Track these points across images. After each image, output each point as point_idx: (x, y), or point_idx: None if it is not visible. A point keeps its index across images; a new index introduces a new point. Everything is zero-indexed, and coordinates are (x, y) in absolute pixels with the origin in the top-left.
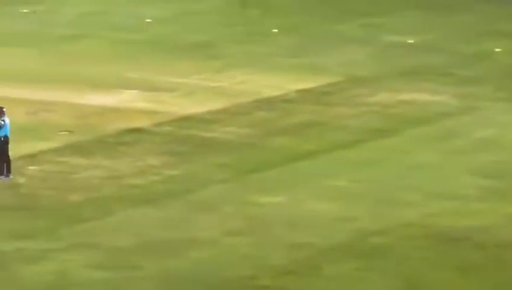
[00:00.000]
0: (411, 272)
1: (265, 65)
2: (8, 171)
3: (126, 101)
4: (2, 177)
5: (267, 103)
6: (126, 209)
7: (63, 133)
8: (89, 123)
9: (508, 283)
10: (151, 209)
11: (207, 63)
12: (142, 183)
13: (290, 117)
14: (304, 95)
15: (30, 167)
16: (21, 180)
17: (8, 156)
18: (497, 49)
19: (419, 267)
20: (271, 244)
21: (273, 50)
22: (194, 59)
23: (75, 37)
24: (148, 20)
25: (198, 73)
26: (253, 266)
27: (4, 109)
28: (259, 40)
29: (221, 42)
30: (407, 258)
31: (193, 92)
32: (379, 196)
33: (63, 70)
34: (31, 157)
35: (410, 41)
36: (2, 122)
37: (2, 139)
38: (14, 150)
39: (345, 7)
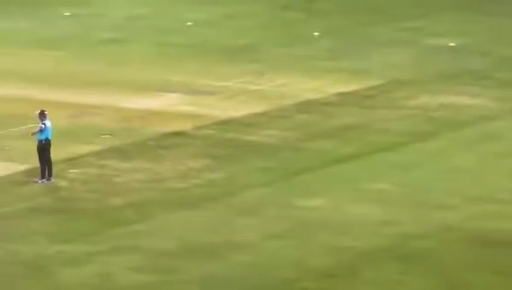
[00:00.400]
0: (452, 276)
1: (307, 68)
2: (50, 174)
3: (168, 104)
4: (43, 180)
5: (308, 106)
6: (167, 212)
7: (105, 136)
8: (130, 126)
9: None
10: (192, 213)
11: (248, 66)
12: (184, 187)
13: (331, 120)
14: (345, 98)
15: (71, 170)
16: (62, 183)
17: (50, 160)
18: None
19: (460, 270)
20: (312, 248)
21: (314, 53)
22: (235, 62)
23: (118, 40)
24: (189, 23)
25: (239, 76)
26: (294, 269)
27: (46, 112)
28: (301, 43)
29: (262, 45)
30: (448, 261)
31: (234, 95)
32: (420, 199)
33: (106, 74)
34: (73, 161)
35: (451, 44)
36: (43, 126)
37: (43, 142)
38: (56, 153)
39: (387, 10)
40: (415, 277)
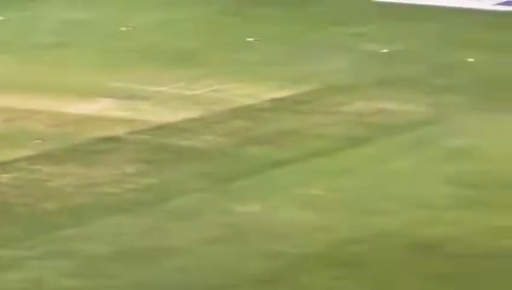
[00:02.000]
0: (387, 281)
1: (243, 73)
2: None
3: (103, 109)
4: None
5: (243, 112)
6: (101, 217)
7: (38, 141)
8: (64, 131)
9: None
10: (126, 218)
11: (185, 72)
12: (118, 192)
13: (265, 126)
14: (279, 103)
15: (3, 175)
16: None
17: None
18: (469, 59)
19: (395, 276)
20: (248, 253)
21: (252, 58)
22: (172, 68)
23: (57, 45)
24: (125, 28)
25: (174, 81)
26: (229, 275)
27: None
28: (237, 48)
29: (202, 50)
30: (384, 267)
31: (167, 100)
32: (355, 204)
33: (43, 79)
34: (4, 165)
35: (383, 50)
36: None
37: None
38: None
39: (331, 17)
40: (352, 282)
